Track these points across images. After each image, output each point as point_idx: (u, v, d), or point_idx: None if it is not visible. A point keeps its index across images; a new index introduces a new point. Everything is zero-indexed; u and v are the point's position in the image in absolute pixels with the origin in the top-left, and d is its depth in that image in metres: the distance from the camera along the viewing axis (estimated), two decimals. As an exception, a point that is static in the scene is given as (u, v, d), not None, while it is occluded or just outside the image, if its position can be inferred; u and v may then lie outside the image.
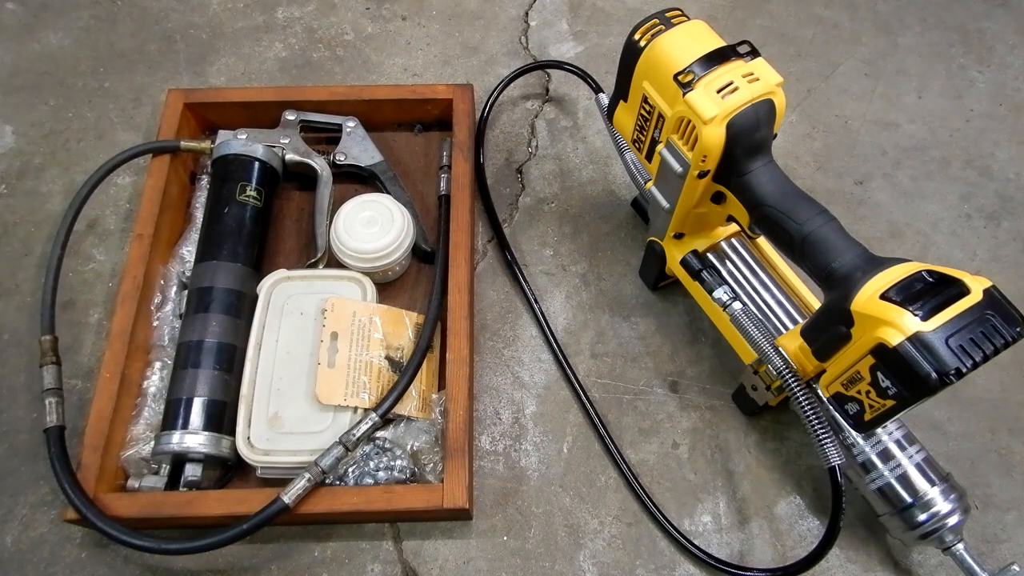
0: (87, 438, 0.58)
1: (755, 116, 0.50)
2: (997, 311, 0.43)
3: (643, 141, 0.59)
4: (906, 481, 0.55)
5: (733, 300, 0.59)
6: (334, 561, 0.60)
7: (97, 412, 0.59)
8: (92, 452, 0.58)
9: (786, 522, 0.62)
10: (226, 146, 0.71)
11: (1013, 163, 0.81)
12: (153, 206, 0.69)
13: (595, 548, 0.61)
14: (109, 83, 0.85)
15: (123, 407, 0.61)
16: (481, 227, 0.77)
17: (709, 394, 0.68)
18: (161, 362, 0.64)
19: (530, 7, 0.92)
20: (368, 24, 0.90)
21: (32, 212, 0.76)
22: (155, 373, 0.64)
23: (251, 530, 0.54)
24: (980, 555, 0.56)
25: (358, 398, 0.60)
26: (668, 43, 0.53)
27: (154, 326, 0.66)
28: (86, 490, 0.55)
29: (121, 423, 0.61)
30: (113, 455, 0.59)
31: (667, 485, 0.64)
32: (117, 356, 0.61)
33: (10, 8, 0.90)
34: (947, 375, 0.41)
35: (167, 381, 0.63)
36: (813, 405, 0.52)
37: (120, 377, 0.61)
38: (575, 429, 0.66)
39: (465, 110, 0.76)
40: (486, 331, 0.71)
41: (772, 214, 0.52)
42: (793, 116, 0.84)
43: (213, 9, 0.91)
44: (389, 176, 0.74)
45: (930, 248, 0.76)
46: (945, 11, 0.92)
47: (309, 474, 0.55)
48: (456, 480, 0.57)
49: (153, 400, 0.63)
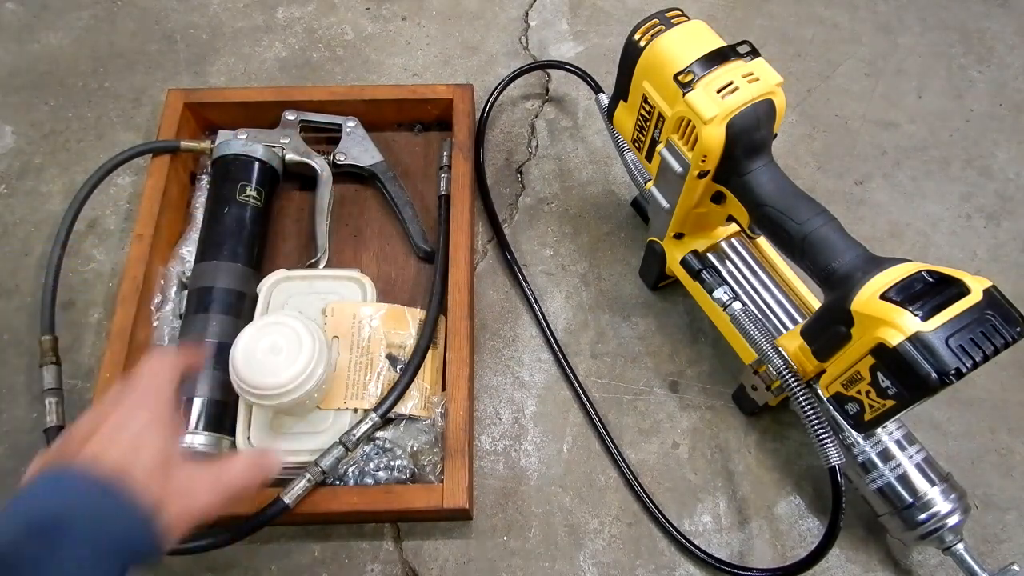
0: (87, 438, 0.58)
1: (755, 116, 0.50)
2: (997, 311, 0.43)
3: (643, 141, 0.59)
4: (906, 481, 0.55)
5: (733, 300, 0.59)
6: (334, 561, 0.60)
7: (97, 412, 0.59)
8: (92, 452, 0.58)
9: (786, 522, 0.62)
10: (226, 146, 0.71)
11: (1013, 163, 0.81)
12: (153, 206, 0.69)
13: (595, 548, 0.61)
14: (109, 83, 0.85)
15: (123, 407, 0.61)
16: (481, 227, 0.77)
17: (709, 394, 0.68)
18: (161, 362, 0.64)
19: (530, 7, 0.92)
20: (368, 24, 0.90)
21: (32, 212, 0.76)
22: (155, 373, 0.64)
23: (251, 530, 0.54)
24: (980, 555, 0.56)
25: (358, 399, 0.60)
26: (668, 43, 0.53)
27: (154, 326, 0.66)
28: (86, 490, 0.55)
29: (121, 423, 0.61)
30: (113, 455, 0.59)
31: (667, 485, 0.64)
32: (117, 356, 0.61)
33: (10, 8, 0.90)
34: (947, 375, 0.41)
35: (167, 381, 0.63)
36: (813, 405, 0.52)
37: (120, 377, 0.61)
38: (575, 429, 0.66)
39: (465, 110, 0.76)
40: (486, 331, 0.71)
41: (772, 214, 0.52)
42: (793, 116, 0.84)
43: (213, 9, 0.91)
44: (389, 176, 0.74)
45: (930, 248, 0.76)
46: (945, 11, 0.92)
47: (309, 474, 0.55)
48: (456, 480, 0.57)
49: (153, 400, 0.63)
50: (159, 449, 0.40)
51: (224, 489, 0.43)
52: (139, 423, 0.40)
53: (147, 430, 0.40)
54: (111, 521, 0.37)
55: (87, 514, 0.36)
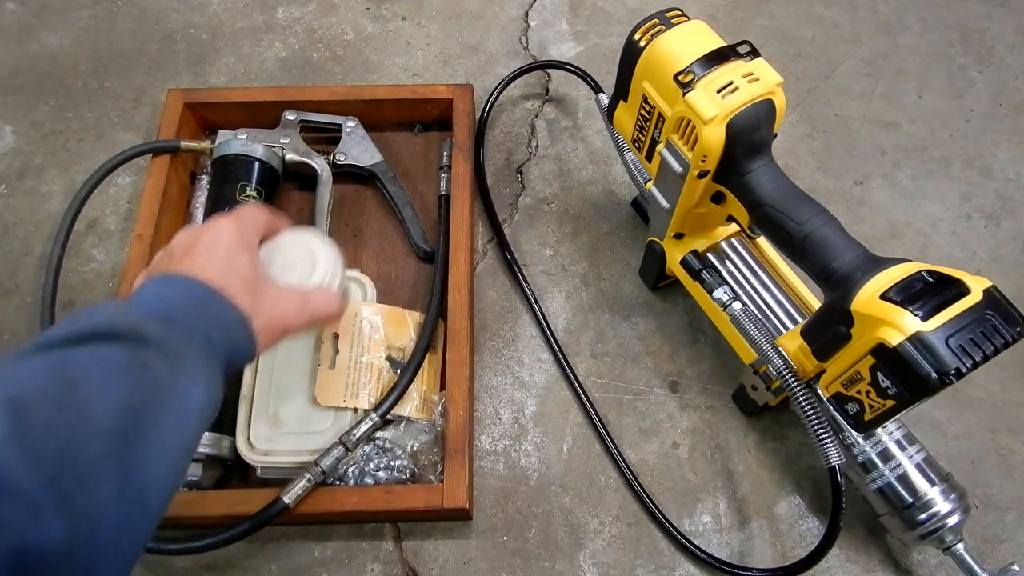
0: (87, 438, 0.58)
1: (755, 116, 0.50)
2: (997, 311, 0.43)
3: (643, 141, 0.59)
4: (906, 481, 0.55)
5: (733, 300, 0.59)
6: (334, 561, 0.60)
7: (97, 412, 0.59)
8: (92, 452, 0.58)
9: (786, 522, 0.62)
10: (226, 146, 0.71)
11: (1013, 163, 0.81)
12: (153, 206, 0.69)
13: (595, 548, 0.61)
14: (109, 83, 0.85)
15: (123, 407, 0.61)
16: (481, 227, 0.77)
17: (709, 394, 0.68)
18: (161, 362, 0.64)
19: (530, 7, 0.92)
20: (368, 24, 0.90)
21: (32, 212, 0.76)
22: (155, 373, 0.64)
23: (251, 530, 0.54)
24: (980, 555, 0.56)
25: (358, 399, 0.60)
26: (668, 43, 0.53)
27: (154, 326, 0.66)
28: (86, 490, 0.55)
29: (121, 423, 0.61)
30: (113, 455, 0.59)
31: (667, 485, 0.64)
32: (117, 356, 0.61)
33: (10, 8, 0.90)
34: (947, 375, 0.41)
35: (167, 381, 0.63)
36: (813, 405, 0.52)
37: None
38: (575, 429, 0.66)
39: (465, 110, 0.76)
40: (486, 331, 0.71)
41: (772, 214, 0.52)
42: (793, 116, 0.84)
43: (213, 9, 0.91)
44: (389, 176, 0.74)
45: (930, 248, 0.76)
46: (945, 11, 0.92)
47: (309, 474, 0.55)
48: (456, 480, 0.57)
49: (153, 400, 0.63)
50: (249, 269, 0.46)
51: (308, 312, 0.49)
52: (230, 245, 0.45)
53: (238, 252, 0.45)
54: (216, 318, 0.42)
55: (197, 309, 0.41)
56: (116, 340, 0.36)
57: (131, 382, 0.34)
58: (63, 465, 0.30)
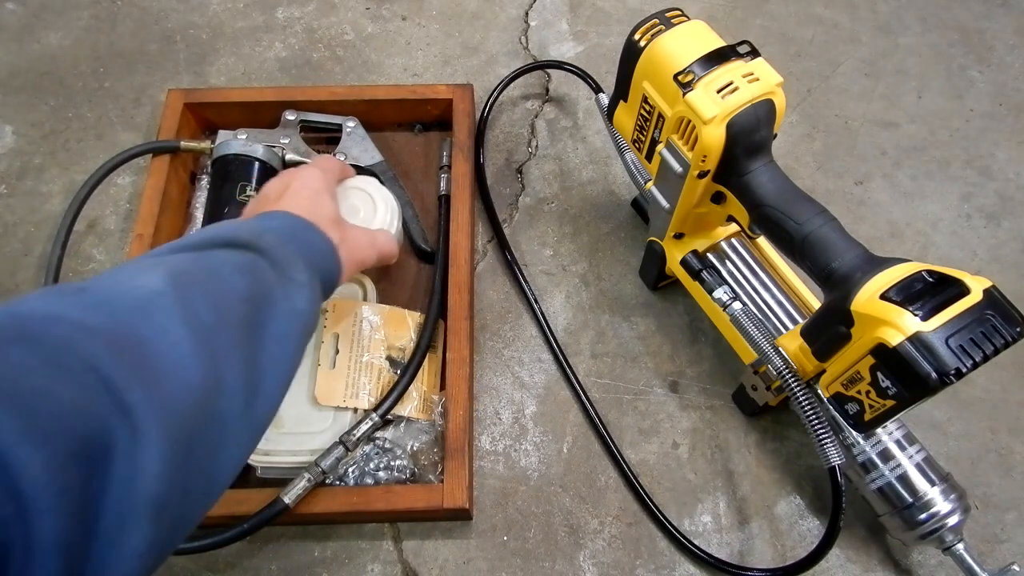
0: (87, 438, 0.58)
1: (755, 116, 0.50)
2: (997, 311, 0.43)
3: (643, 141, 0.59)
4: (906, 481, 0.55)
5: (733, 300, 0.59)
6: (334, 561, 0.60)
7: (97, 412, 0.59)
8: (92, 452, 0.58)
9: (786, 522, 0.62)
10: (226, 146, 0.71)
11: (1013, 163, 0.81)
12: (153, 206, 0.69)
13: (595, 548, 0.61)
14: (109, 83, 0.85)
15: (123, 407, 0.61)
16: (481, 227, 0.77)
17: (709, 394, 0.68)
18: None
19: (530, 7, 0.92)
20: (368, 24, 0.90)
21: (32, 212, 0.76)
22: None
23: (251, 530, 0.54)
24: (980, 555, 0.56)
25: (358, 399, 0.60)
26: (668, 43, 0.53)
27: (154, 326, 0.66)
28: (86, 490, 0.55)
29: (121, 423, 0.61)
30: (113, 455, 0.59)
31: (667, 485, 0.64)
32: (117, 356, 0.61)
33: (10, 8, 0.90)
34: (947, 375, 0.41)
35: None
36: (813, 405, 0.52)
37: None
38: (575, 429, 0.66)
39: (465, 110, 0.76)
40: (486, 331, 0.71)
41: (772, 214, 0.52)
42: (793, 116, 0.84)
43: (213, 9, 0.91)
44: (389, 176, 0.74)
45: (930, 248, 0.76)
46: (945, 11, 0.92)
47: (309, 474, 0.55)
48: (456, 480, 0.57)
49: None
50: (332, 209, 0.53)
51: (376, 248, 0.57)
52: (317, 189, 0.53)
53: (323, 195, 0.53)
54: (312, 244, 0.48)
55: (297, 236, 0.47)
56: (239, 247, 0.42)
57: (250, 280, 0.40)
58: (210, 333, 0.35)
